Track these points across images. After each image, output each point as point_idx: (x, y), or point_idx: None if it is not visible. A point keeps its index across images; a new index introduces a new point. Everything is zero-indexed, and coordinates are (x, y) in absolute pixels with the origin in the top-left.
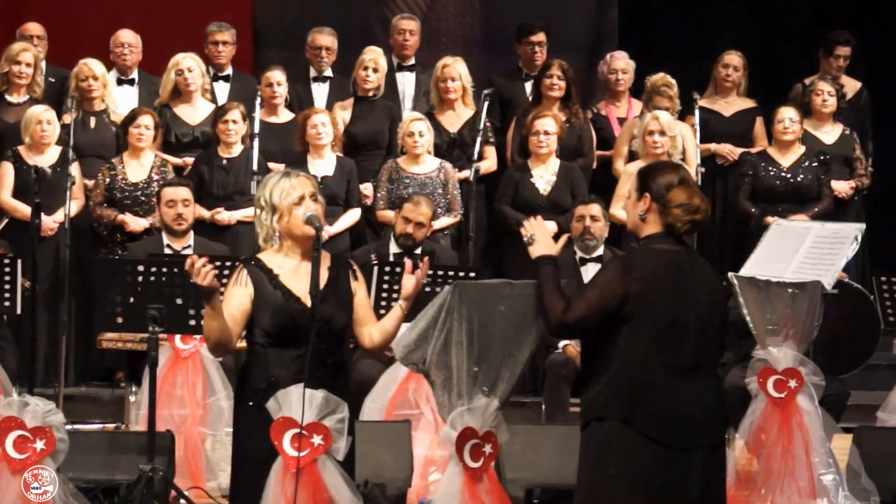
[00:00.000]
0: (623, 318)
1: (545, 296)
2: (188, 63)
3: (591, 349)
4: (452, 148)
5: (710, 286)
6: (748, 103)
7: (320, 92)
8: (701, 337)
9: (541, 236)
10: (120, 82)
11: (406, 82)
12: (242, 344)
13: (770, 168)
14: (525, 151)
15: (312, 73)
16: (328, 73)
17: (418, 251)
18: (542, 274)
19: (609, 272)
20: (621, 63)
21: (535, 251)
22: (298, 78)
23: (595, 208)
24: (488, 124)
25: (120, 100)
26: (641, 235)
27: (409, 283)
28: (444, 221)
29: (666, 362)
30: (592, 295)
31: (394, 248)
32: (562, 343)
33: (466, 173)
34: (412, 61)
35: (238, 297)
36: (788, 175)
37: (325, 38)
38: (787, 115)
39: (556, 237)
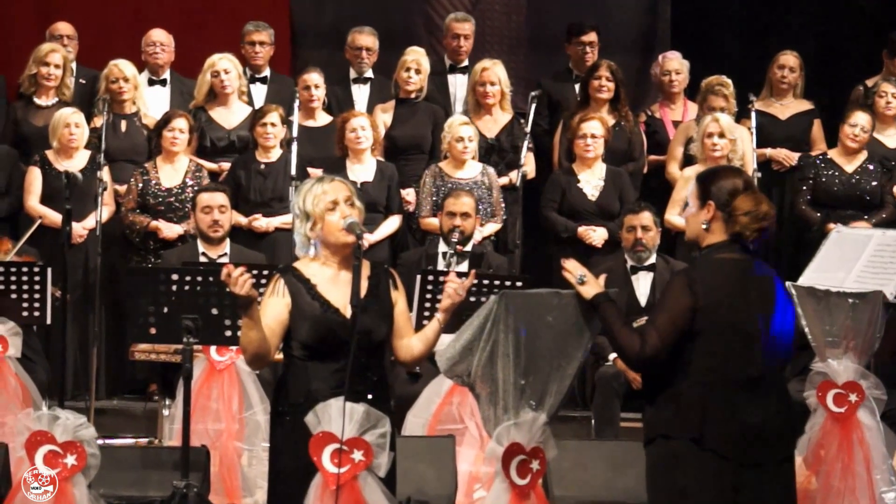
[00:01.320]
0: (691, 333)
1: (617, 335)
2: (224, 64)
3: (661, 365)
4: (490, 153)
5: (776, 293)
6: (805, 105)
7: (360, 94)
8: (769, 347)
9: (591, 277)
10: (151, 83)
11: (458, 84)
12: (279, 356)
13: (832, 172)
14: (572, 155)
15: (352, 74)
16: (369, 74)
17: (468, 248)
18: (606, 313)
19: (674, 291)
20: (675, 63)
21: (590, 291)
22: (338, 79)
23: (646, 217)
24: (526, 129)
25: (151, 101)
26: (704, 244)
27: (450, 292)
28: (491, 228)
29: (735, 376)
30: (663, 321)
31: (443, 248)
32: (612, 355)
33: (504, 179)
34: (465, 63)
35: (275, 308)
36: (851, 180)
37: (366, 38)
38: (861, 120)
39: (607, 244)
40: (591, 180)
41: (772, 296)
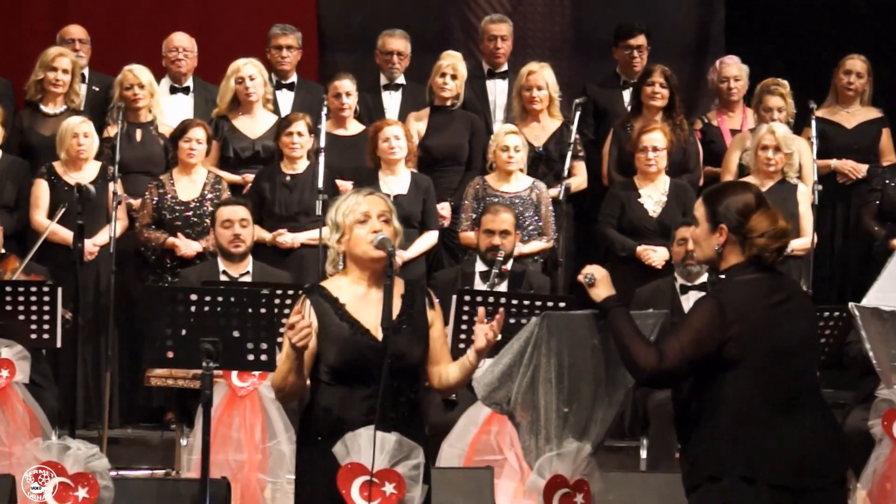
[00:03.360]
0: (724, 363)
1: (629, 344)
2: (249, 70)
3: (684, 396)
4: (537, 163)
5: (804, 306)
6: (873, 113)
7: (392, 101)
8: (805, 364)
9: (600, 276)
10: (173, 90)
11: (498, 91)
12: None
13: None
14: (624, 167)
15: (383, 80)
16: (401, 80)
17: (507, 266)
18: (616, 319)
19: (703, 314)
20: (734, 69)
21: (600, 294)
22: (368, 86)
23: None
24: (577, 137)
25: (174, 110)
26: (721, 268)
27: (480, 335)
28: (535, 246)
29: (778, 402)
30: (688, 340)
31: (480, 267)
32: None
33: (554, 192)
34: (504, 67)
35: None
36: None
37: (398, 42)
38: None
39: (666, 264)
40: (654, 195)
41: (800, 309)
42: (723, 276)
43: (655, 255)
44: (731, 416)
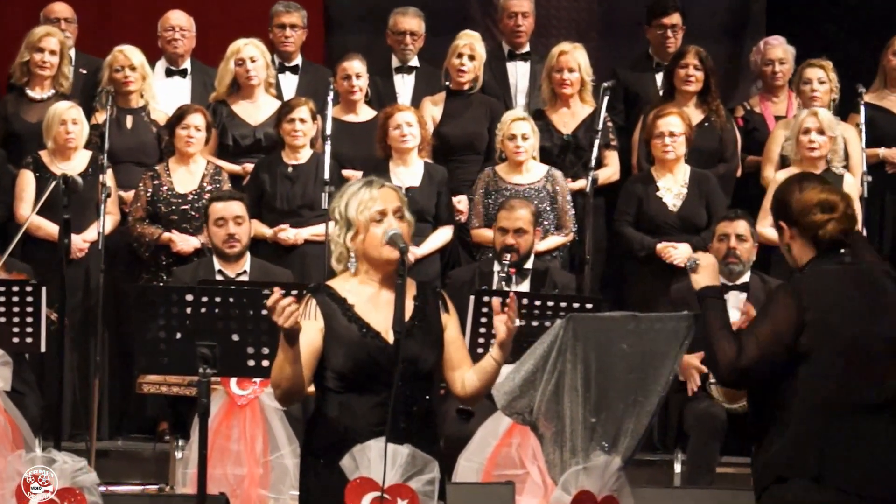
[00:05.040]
0: (799, 354)
1: (713, 337)
2: (250, 51)
3: (761, 395)
4: (565, 152)
5: None
6: None
7: (404, 85)
8: (892, 365)
9: (705, 263)
10: (169, 73)
11: (519, 73)
12: (311, 389)
13: None
14: (652, 157)
15: (395, 62)
16: (414, 62)
17: (528, 265)
18: (710, 310)
19: (778, 301)
20: (778, 51)
21: (700, 281)
22: (379, 69)
23: (742, 226)
24: (609, 124)
25: (169, 94)
26: (801, 266)
27: (500, 326)
28: (553, 241)
29: (856, 401)
30: (765, 332)
31: (499, 266)
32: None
33: (582, 183)
34: (526, 48)
35: (306, 334)
36: None
37: (411, 21)
38: None
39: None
40: (673, 187)
41: (891, 303)
42: (807, 267)
43: (677, 253)
44: (805, 413)
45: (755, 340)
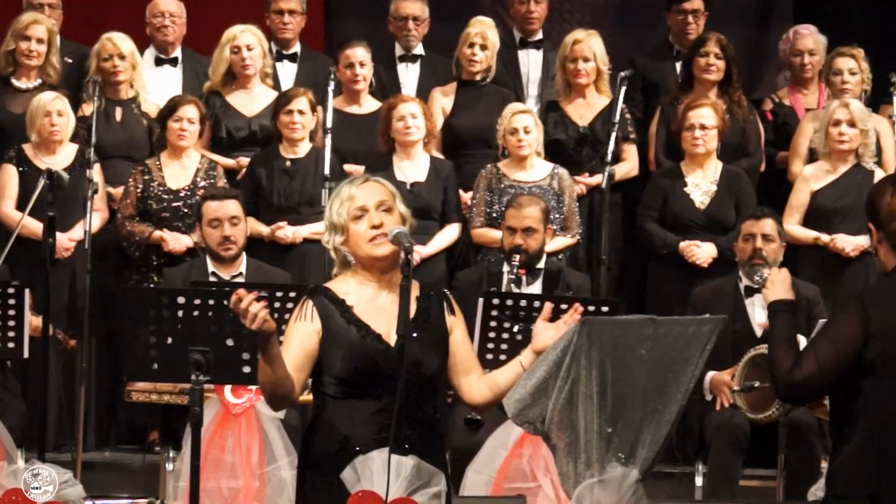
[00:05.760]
0: (866, 367)
1: (774, 349)
2: (246, 39)
3: (836, 406)
4: (581, 145)
5: None
6: None
7: (408, 74)
8: None
9: (774, 278)
10: (159, 62)
11: (531, 62)
12: (308, 397)
13: None
14: (673, 150)
15: (398, 50)
16: (418, 50)
17: (540, 264)
18: (777, 323)
19: (840, 316)
20: (808, 42)
21: (771, 294)
22: (382, 57)
23: (769, 225)
24: (627, 116)
25: (159, 84)
26: (887, 271)
27: (545, 332)
28: (559, 243)
29: None
30: (823, 347)
31: (507, 268)
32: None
33: (598, 178)
34: (539, 36)
35: (302, 336)
36: None
37: (413, 6)
38: None
39: (715, 263)
40: (702, 183)
41: None
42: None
43: (700, 252)
44: (869, 429)
45: (814, 356)
